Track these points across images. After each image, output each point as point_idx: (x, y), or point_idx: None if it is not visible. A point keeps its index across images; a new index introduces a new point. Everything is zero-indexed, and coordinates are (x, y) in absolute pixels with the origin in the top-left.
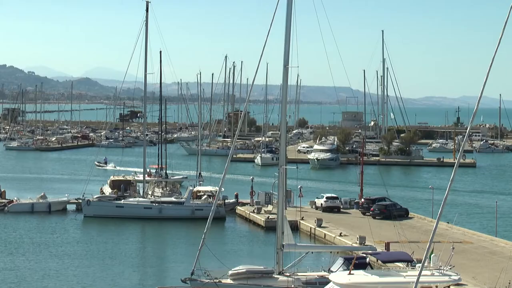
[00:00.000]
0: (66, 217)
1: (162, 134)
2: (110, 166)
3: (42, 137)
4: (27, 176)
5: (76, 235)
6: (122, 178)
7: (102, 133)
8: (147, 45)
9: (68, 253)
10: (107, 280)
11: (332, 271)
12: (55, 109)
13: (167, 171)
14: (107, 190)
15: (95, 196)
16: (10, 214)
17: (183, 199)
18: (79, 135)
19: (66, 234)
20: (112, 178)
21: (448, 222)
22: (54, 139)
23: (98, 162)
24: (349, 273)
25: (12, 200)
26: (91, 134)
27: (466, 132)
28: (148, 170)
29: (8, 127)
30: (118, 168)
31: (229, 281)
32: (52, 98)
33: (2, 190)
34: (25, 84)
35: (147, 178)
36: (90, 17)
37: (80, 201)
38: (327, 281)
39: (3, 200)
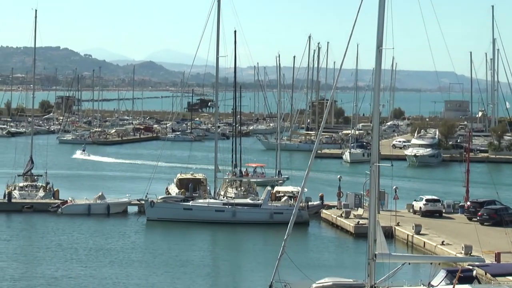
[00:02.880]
0: (127, 220)
1: (236, 126)
2: (77, 155)
3: (99, 129)
4: (82, 173)
5: (139, 240)
6: (191, 176)
7: (167, 125)
8: (219, 24)
9: (130, 261)
10: None
11: (432, 286)
12: (115, 97)
13: (274, 171)
14: (174, 190)
15: (159, 197)
16: (64, 216)
17: (260, 201)
18: (141, 127)
19: (128, 239)
20: (179, 176)
21: None
22: (113, 131)
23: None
24: None
25: (67, 201)
26: (155, 125)
27: None
28: (245, 169)
29: (61, 118)
30: (88, 157)
31: None
32: (111, 84)
33: (55, 189)
34: (81, 68)
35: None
36: None
37: (143, 202)
38: None
39: (57, 201)
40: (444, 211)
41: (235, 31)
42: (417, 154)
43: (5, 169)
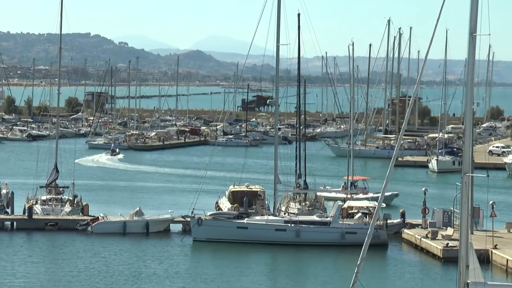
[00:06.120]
0: (169, 240)
1: (301, 128)
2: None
3: (137, 132)
4: (116, 184)
5: (184, 264)
6: (246, 189)
7: (218, 127)
8: (280, 6)
9: None
10: None
11: None
12: (155, 93)
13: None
14: (225, 204)
15: (208, 213)
16: (95, 235)
17: (329, 218)
18: (187, 129)
19: (170, 263)
20: (231, 188)
21: None
22: (153, 134)
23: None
24: None
25: (98, 217)
26: (204, 127)
27: None
28: (343, 183)
29: (92, 118)
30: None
31: None
32: (151, 78)
33: (84, 203)
34: (115, 59)
35: (341, 194)
36: None
37: (189, 219)
38: None
39: (86, 217)
40: None
41: (298, 14)
42: None
43: (25, 179)
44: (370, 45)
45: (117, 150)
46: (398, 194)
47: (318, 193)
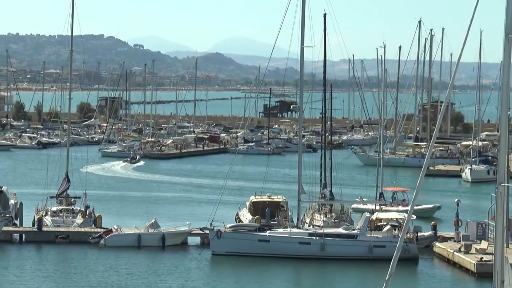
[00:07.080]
0: (186, 254)
1: (326, 135)
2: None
3: (153, 139)
4: (131, 194)
5: (202, 279)
6: (268, 199)
7: (238, 134)
8: (304, 6)
9: None
10: None
11: None
12: (172, 98)
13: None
14: (246, 216)
15: (228, 225)
16: (109, 249)
17: (356, 231)
18: (205, 137)
19: (188, 278)
20: (252, 198)
21: None
22: (170, 141)
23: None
24: None
25: (111, 230)
26: (223, 135)
27: None
28: (378, 193)
29: (105, 125)
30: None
31: None
32: (167, 82)
33: (97, 215)
34: (130, 62)
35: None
36: None
37: (207, 232)
38: None
39: (99, 230)
40: None
41: (324, 15)
42: None
43: (34, 189)
44: (399, 47)
45: (137, 157)
46: (440, 206)
47: (354, 205)
